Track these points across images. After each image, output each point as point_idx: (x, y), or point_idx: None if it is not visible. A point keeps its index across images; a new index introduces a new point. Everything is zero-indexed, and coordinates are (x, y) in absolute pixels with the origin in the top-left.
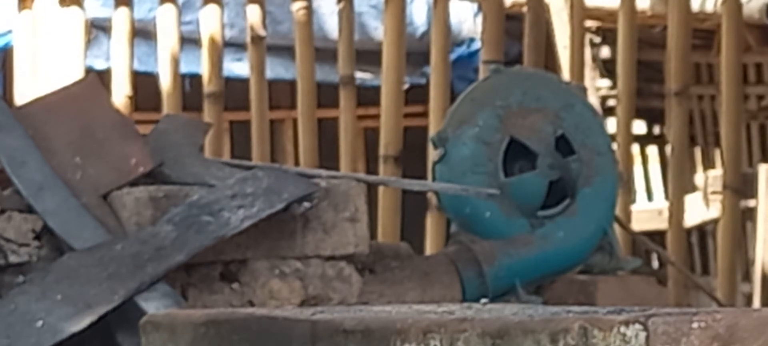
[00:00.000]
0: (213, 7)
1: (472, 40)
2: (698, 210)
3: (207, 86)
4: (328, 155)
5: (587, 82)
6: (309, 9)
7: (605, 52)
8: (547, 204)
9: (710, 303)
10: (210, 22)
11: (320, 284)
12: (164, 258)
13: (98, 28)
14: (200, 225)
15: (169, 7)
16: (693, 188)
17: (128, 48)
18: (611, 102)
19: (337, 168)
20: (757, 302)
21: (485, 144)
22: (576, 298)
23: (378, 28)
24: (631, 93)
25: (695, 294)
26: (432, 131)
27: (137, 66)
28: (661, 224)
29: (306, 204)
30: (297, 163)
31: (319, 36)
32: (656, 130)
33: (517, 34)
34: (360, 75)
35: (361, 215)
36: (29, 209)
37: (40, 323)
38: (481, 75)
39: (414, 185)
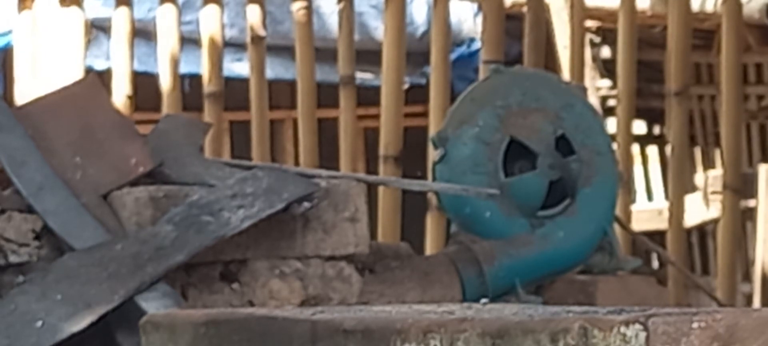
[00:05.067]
0: (213, 7)
1: (472, 40)
2: (698, 210)
3: (207, 86)
4: (328, 155)
5: (587, 82)
6: (309, 9)
7: (605, 52)
8: (547, 204)
9: (710, 303)
10: (210, 22)
11: (320, 284)
12: (164, 258)
13: (98, 28)
14: (200, 225)
15: (169, 7)
16: (693, 188)
17: (128, 48)
18: (611, 102)
19: (337, 168)
20: (757, 302)
21: (485, 144)
22: (576, 298)
23: (378, 28)
24: (631, 93)
25: (695, 294)
26: (432, 131)
27: (137, 66)
28: (661, 224)
29: (306, 204)
30: (297, 163)
31: (319, 36)
32: (656, 130)
33: (517, 34)
34: (360, 75)
35: (361, 215)
36: (29, 209)
37: (40, 323)
38: (481, 75)
39: (414, 184)
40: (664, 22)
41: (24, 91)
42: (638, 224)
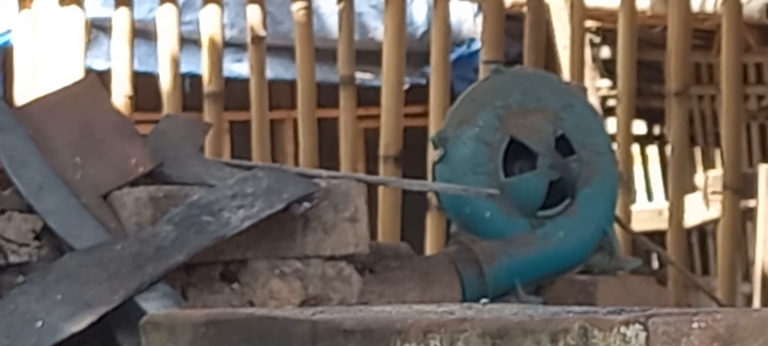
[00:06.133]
0: (213, 7)
1: (472, 40)
2: (698, 210)
3: (207, 86)
4: (328, 155)
5: (587, 82)
6: (309, 9)
7: (605, 52)
8: (547, 204)
9: (710, 303)
10: (210, 22)
11: (320, 284)
12: (164, 258)
13: (98, 28)
14: (200, 225)
15: (169, 7)
16: (693, 188)
17: (128, 48)
18: (611, 102)
19: (337, 168)
20: (757, 302)
21: (485, 144)
22: (576, 298)
23: (378, 28)
24: (631, 93)
25: (695, 294)
26: (432, 131)
27: (137, 66)
28: (661, 224)
29: (306, 204)
30: (297, 163)
31: (319, 36)
32: (656, 130)
33: (517, 34)
34: (360, 75)
35: (361, 215)
36: (29, 209)
37: (40, 323)
38: (481, 75)
39: (414, 184)
40: (664, 22)
41: (24, 91)
42: (638, 224)
